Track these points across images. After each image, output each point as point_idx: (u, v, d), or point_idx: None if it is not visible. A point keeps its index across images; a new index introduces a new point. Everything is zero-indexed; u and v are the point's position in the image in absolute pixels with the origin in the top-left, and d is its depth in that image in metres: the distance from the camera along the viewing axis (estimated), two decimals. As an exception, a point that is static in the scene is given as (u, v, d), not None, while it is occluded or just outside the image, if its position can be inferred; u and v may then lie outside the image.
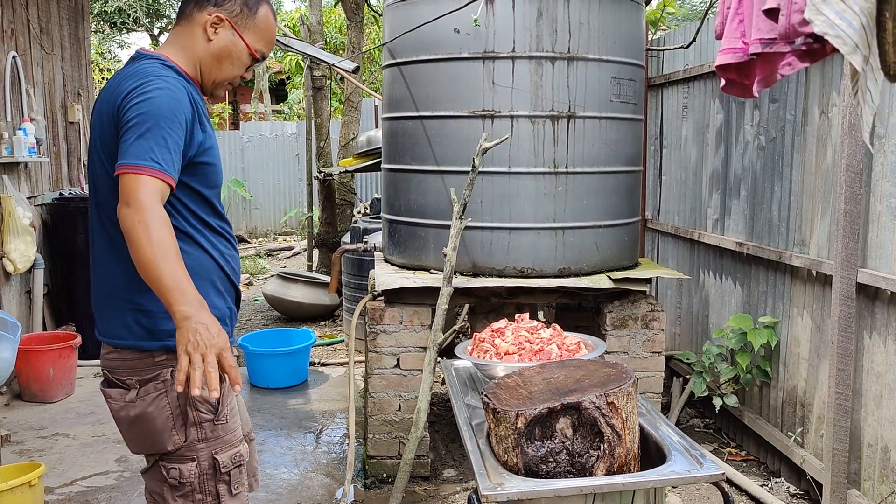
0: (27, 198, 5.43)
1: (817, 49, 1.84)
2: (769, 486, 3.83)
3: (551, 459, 2.00)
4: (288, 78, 17.46)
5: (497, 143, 3.36)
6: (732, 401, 4.16)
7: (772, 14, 1.85)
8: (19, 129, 5.31)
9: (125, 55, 21.00)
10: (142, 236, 1.79)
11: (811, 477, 3.58)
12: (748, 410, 4.24)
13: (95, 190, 2.07)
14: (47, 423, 4.70)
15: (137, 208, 1.80)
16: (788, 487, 3.79)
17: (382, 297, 3.88)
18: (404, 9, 3.95)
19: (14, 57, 5.34)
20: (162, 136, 1.88)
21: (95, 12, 17.80)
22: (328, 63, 6.44)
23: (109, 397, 2.09)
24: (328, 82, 9.20)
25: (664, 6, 6.26)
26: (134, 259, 1.82)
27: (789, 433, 3.81)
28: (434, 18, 3.72)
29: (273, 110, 18.71)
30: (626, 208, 4.01)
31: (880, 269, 3.16)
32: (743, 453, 4.27)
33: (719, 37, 2.37)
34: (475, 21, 3.62)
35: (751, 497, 3.68)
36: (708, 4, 4.86)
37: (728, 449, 4.33)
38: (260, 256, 11.63)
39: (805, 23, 1.59)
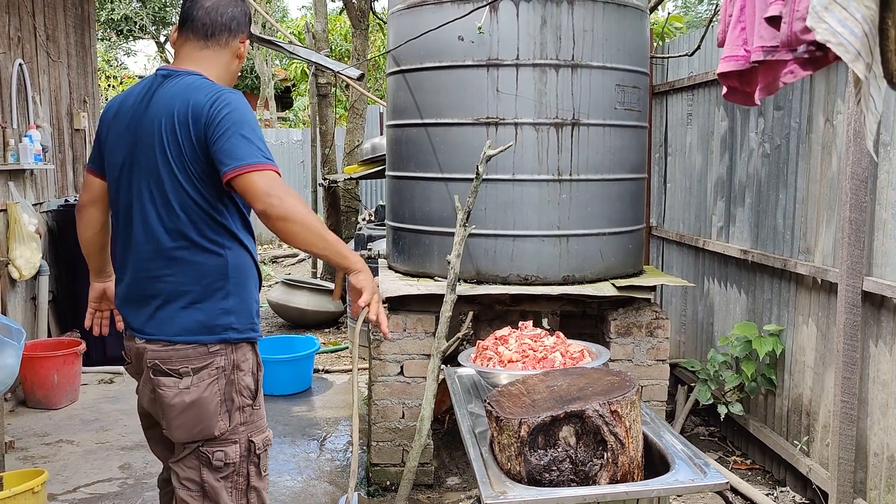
0: (33, 205, 5.44)
1: (820, 57, 1.84)
2: (774, 495, 3.81)
3: (554, 468, 2.00)
4: (293, 85, 17.53)
5: (501, 151, 3.37)
6: (737, 409, 4.14)
7: (773, 22, 1.85)
8: (25, 136, 5.33)
9: (131, 63, 21.12)
10: (306, 218, 2.10)
11: (817, 486, 3.56)
12: (753, 419, 4.22)
13: (150, 185, 2.20)
14: (51, 430, 4.70)
15: (285, 195, 2.07)
16: (794, 497, 3.77)
17: (387, 305, 3.88)
18: (409, 16, 3.96)
19: (21, 64, 5.37)
20: (258, 136, 2.15)
21: (102, 20, 17.89)
22: (333, 70, 6.45)
23: (163, 385, 2.18)
24: (333, 89, 9.22)
25: (670, 20, 6.26)
26: (302, 237, 2.11)
27: (795, 442, 3.79)
28: (438, 26, 3.73)
29: (278, 117, 18.75)
30: (631, 216, 4.01)
31: (886, 276, 3.15)
32: (748, 462, 4.25)
33: (721, 44, 2.37)
34: (479, 29, 3.62)
35: (756, 506, 3.66)
36: (712, 12, 4.87)
37: (733, 457, 4.31)
38: (264, 263, 11.64)
39: (807, 30, 1.59)
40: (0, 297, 4.93)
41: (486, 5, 3.65)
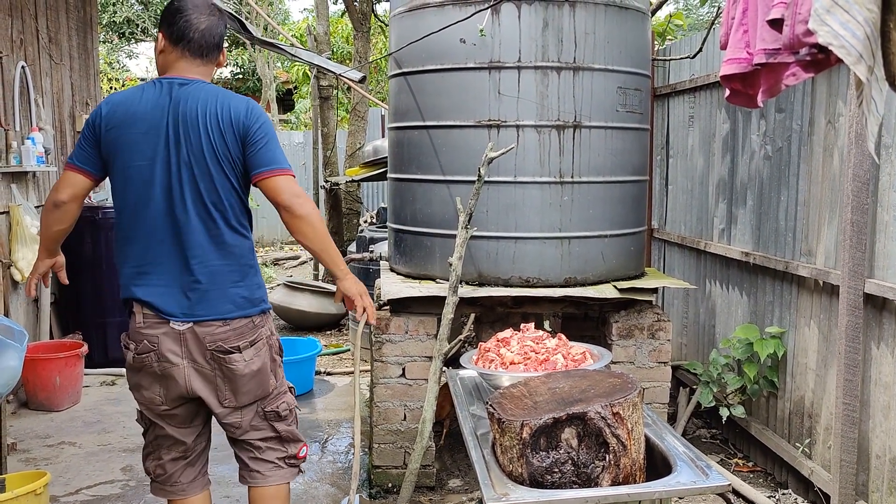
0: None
1: (822, 59, 1.84)
2: (776, 497, 3.80)
3: (556, 470, 2.00)
4: (295, 87, 17.54)
5: (503, 153, 3.37)
6: (739, 411, 4.14)
7: (776, 24, 1.85)
8: (28, 138, 5.34)
9: (133, 65, 21.13)
10: (318, 219, 2.57)
11: (819, 488, 3.56)
12: (755, 421, 4.22)
13: (197, 185, 2.48)
14: (53, 432, 4.70)
15: (306, 199, 2.55)
16: (796, 499, 3.76)
17: (388, 307, 3.89)
18: (411, 19, 3.97)
19: (23, 67, 5.38)
20: (279, 144, 2.61)
21: (104, 23, 17.92)
22: (335, 73, 6.46)
23: (233, 362, 2.53)
24: (335, 92, 9.23)
25: (671, 19, 6.27)
26: (311, 236, 2.54)
27: (797, 444, 3.79)
28: (440, 29, 3.73)
29: (280, 120, 18.77)
30: (632, 218, 4.01)
31: (888, 279, 3.15)
32: (750, 464, 4.25)
33: (724, 47, 2.37)
34: (481, 31, 3.63)
35: (758, 508, 3.66)
36: (714, 15, 4.87)
37: (735, 460, 4.30)
38: (266, 265, 11.65)
39: (809, 33, 1.59)
40: (2, 299, 4.94)
41: (487, 8, 3.65)
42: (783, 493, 3.83)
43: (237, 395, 2.58)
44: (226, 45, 2.71)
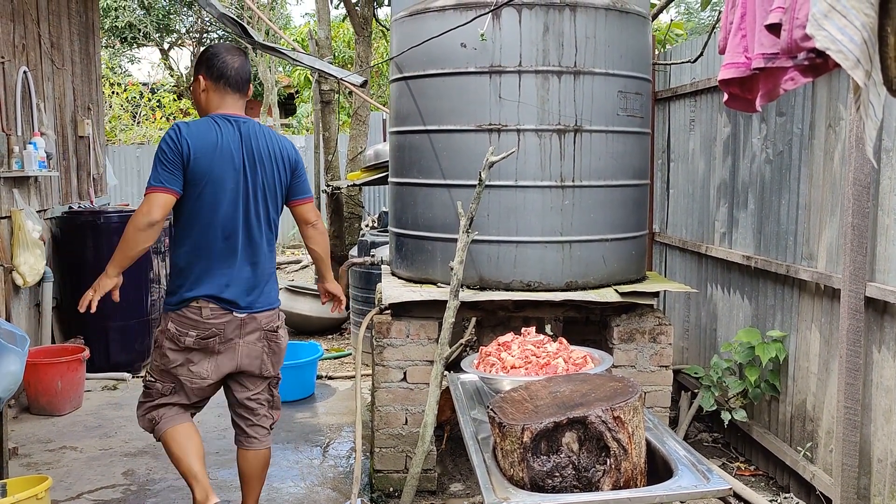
0: (37, 211, 5.46)
1: (820, 64, 1.84)
2: (778, 501, 3.80)
3: (557, 474, 2.00)
4: (296, 92, 17.57)
5: (504, 157, 3.38)
6: (741, 415, 4.13)
7: (774, 29, 1.86)
8: (30, 143, 5.35)
9: (135, 70, 21.17)
10: (326, 234, 3.53)
11: (821, 492, 3.56)
12: (757, 425, 4.22)
13: (266, 206, 3.20)
14: (55, 437, 4.71)
15: (321, 218, 3.51)
16: (798, 503, 3.76)
17: (389, 311, 3.89)
18: (412, 23, 3.98)
19: (25, 72, 5.40)
20: None
21: (106, 28, 17.96)
22: (336, 77, 6.46)
23: (279, 338, 3.30)
24: (336, 96, 9.24)
25: (671, 27, 6.28)
26: (322, 246, 3.48)
27: (798, 448, 3.79)
28: (441, 33, 3.74)
29: (282, 124, 18.80)
30: (634, 222, 4.01)
31: (889, 282, 3.15)
32: (752, 468, 4.24)
33: (723, 52, 2.37)
34: (482, 36, 3.64)
35: (760, 512, 3.66)
36: (716, 19, 4.88)
37: (737, 464, 4.30)
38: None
39: (807, 38, 1.60)
40: (4, 304, 4.95)
41: (488, 12, 3.66)
42: (785, 497, 3.83)
43: (276, 364, 3.31)
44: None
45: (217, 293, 3.10)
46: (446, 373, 3.31)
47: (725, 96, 2.50)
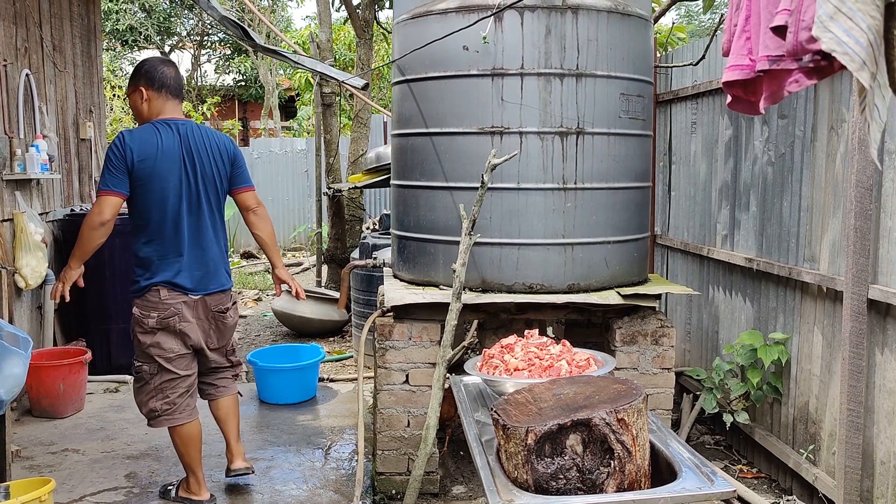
0: (39, 214, 5.46)
1: (825, 66, 1.85)
2: (781, 503, 3.80)
3: (561, 476, 2.00)
4: (297, 94, 17.57)
5: (506, 160, 3.38)
6: (743, 417, 4.13)
7: (779, 31, 1.86)
8: (32, 145, 5.35)
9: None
10: (270, 222, 3.96)
11: (823, 495, 3.56)
12: (759, 427, 4.22)
13: (208, 196, 3.65)
14: (57, 439, 4.71)
15: (264, 206, 3.93)
16: (800, 505, 3.76)
17: (391, 313, 3.89)
18: (414, 26, 3.98)
19: (27, 74, 5.40)
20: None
21: (107, 30, 17.98)
22: (338, 80, 6.47)
23: (228, 318, 3.76)
24: (337, 99, 9.25)
25: (672, 30, 6.28)
26: (268, 232, 3.89)
27: (801, 450, 3.79)
28: (443, 36, 3.75)
29: (282, 127, 18.81)
30: (636, 224, 4.01)
31: (891, 285, 3.15)
32: (754, 471, 4.24)
33: (726, 54, 2.38)
34: (484, 38, 3.64)
35: (762, 515, 3.65)
36: (717, 22, 4.88)
37: (739, 466, 4.30)
38: (268, 271, 11.65)
39: (813, 40, 1.60)
40: (7, 306, 4.95)
41: (490, 15, 3.67)
42: (787, 500, 3.83)
43: (228, 340, 3.83)
44: (228, 52, 3.52)
45: (171, 279, 3.55)
46: (449, 375, 3.31)
47: (729, 98, 2.50)
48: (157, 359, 3.59)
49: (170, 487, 3.87)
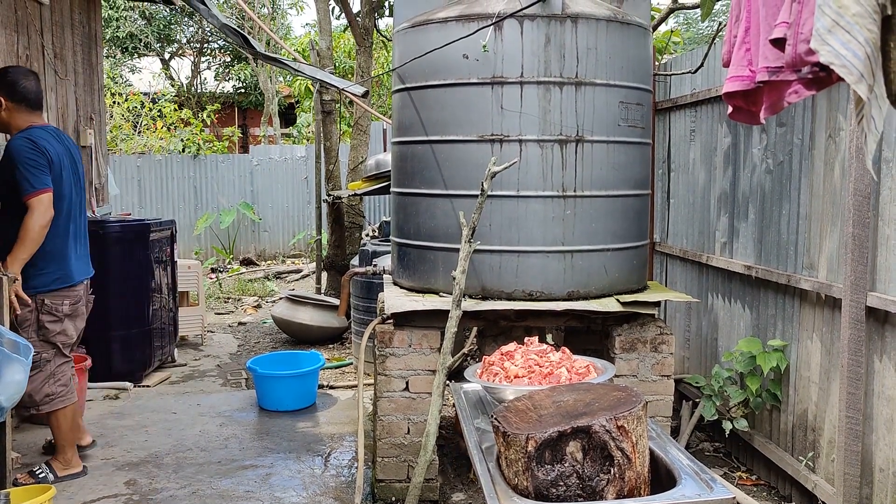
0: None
1: (823, 77, 1.86)
2: (780, 510, 3.80)
3: (561, 483, 2.01)
4: (297, 102, 17.60)
5: (506, 168, 3.39)
6: (742, 424, 4.14)
7: (778, 44, 1.88)
8: (33, 153, 5.36)
9: (136, 80, 21.24)
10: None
11: (823, 502, 3.56)
12: (758, 434, 4.22)
13: (81, 196, 4.16)
14: (57, 446, 4.70)
15: None
16: (800, 512, 3.76)
17: (391, 321, 3.90)
18: (414, 35, 4.01)
19: (29, 82, 5.41)
20: None
21: (107, 38, 18.02)
22: (337, 87, 6.50)
23: (90, 298, 4.32)
24: (337, 106, 9.28)
25: (670, 35, 6.31)
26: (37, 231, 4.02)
27: (800, 457, 3.79)
28: (444, 45, 3.77)
29: (282, 134, 18.83)
30: (635, 232, 4.03)
31: (889, 292, 3.16)
32: (753, 478, 4.24)
33: (726, 65, 2.40)
34: (484, 47, 3.66)
35: (762, 522, 3.66)
36: (715, 30, 4.91)
37: (738, 473, 4.30)
38: (268, 279, 11.66)
39: (811, 52, 1.62)
40: (8, 314, 4.94)
41: (491, 24, 3.69)
42: (787, 507, 3.83)
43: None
44: (227, 59, 3.71)
45: (73, 268, 4.04)
46: (449, 382, 3.32)
47: (730, 109, 2.51)
48: (58, 345, 4.00)
49: (42, 474, 4.06)
